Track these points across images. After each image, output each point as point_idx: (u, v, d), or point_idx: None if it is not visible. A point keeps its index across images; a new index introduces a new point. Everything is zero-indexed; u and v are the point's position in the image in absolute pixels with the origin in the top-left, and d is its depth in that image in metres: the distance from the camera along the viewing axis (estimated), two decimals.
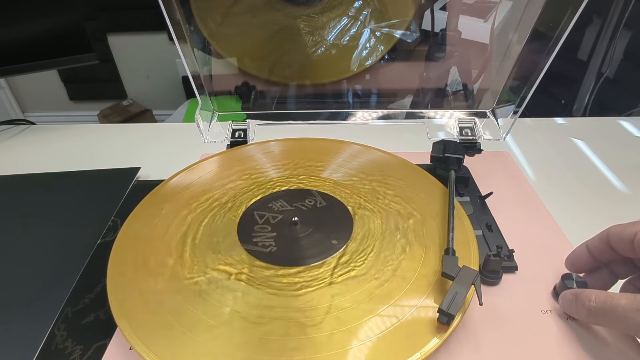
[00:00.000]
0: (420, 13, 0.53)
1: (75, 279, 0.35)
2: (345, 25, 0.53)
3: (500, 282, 0.32)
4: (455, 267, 0.28)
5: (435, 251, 0.32)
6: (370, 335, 0.26)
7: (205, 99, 0.45)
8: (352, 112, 0.48)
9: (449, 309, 0.26)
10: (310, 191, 0.39)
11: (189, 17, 0.41)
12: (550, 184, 0.46)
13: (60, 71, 1.77)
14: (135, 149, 0.56)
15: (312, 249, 0.33)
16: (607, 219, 0.41)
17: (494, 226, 0.37)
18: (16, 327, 0.32)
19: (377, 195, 0.38)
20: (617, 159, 0.51)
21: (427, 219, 0.35)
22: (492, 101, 0.46)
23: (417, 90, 0.57)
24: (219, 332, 0.27)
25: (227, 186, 0.39)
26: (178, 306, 0.28)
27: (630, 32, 1.07)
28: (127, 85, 1.85)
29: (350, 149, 0.44)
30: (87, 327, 0.31)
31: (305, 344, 0.26)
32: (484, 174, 0.44)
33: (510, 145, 0.54)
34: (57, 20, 0.57)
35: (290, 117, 0.47)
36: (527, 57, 0.41)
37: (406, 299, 0.28)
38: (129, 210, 0.36)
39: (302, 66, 0.55)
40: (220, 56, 0.53)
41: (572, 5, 0.34)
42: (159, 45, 1.69)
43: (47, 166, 0.50)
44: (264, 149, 0.45)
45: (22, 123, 0.65)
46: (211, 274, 0.31)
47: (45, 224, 0.42)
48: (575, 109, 1.13)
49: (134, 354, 0.28)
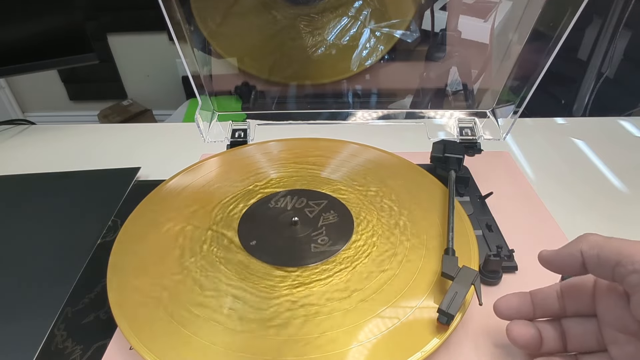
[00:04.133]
0: (420, 13, 0.53)
1: (75, 279, 0.35)
2: (345, 25, 0.53)
3: (500, 282, 0.32)
4: (455, 267, 0.28)
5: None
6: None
7: (205, 99, 0.45)
8: (352, 112, 0.48)
9: (449, 309, 0.26)
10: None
11: (189, 17, 0.41)
12: (550, 184, 0.46)
13: (60, 71, 1.77)
14: (135, 149, 0.56)
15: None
16: (607, 219, 0.42)
17: (494, 226, 0.37)
18: (16, 327, 0.32)
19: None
20: (617, 159, 0.51)
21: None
22: (492, 101, 0.46)
23: (417, 90, 0.57)
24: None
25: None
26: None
27: (630, 32, 1.07)
28: (127, 85, 1.85)
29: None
30: (87, 327, 0.31)
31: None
32: (484, 174, 0.44)
33: (510, 145, 0.54)
34: (57, 20, 0.57)
35: (290, 117, 0.47)
36: (527, 57, 0.41)
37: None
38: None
39: (302, 66, 0.55)
40: (220, 56, 0.53)
41: (572, 5, 0.34)
42: (159, 45, 1.69)
43: (47, 166, 0.50)
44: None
45: (22, 123, 0.65)
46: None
47: (45, 224, 0.42)
48: (575, 109, 1.13)
49: (134, 354, 0.28)
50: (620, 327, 0.23)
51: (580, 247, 0.23)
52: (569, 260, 0.24)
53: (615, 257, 0.21)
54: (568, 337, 0.25)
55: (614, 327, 0.23)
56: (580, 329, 0.25)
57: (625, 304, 0.22)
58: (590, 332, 0.24)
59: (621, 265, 0.21)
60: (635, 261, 0.21)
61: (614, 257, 0.22)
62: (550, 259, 0.25)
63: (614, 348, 0.23)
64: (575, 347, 0.25)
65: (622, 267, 0.21)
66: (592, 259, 0.23)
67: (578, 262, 0.23)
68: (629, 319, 0.22)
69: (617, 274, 0.21)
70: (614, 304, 0.23)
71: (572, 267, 0.24)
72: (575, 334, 0.25)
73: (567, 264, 0.24)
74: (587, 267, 0.23)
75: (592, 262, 0.23)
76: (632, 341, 0.22)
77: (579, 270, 0.24)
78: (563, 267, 0.24)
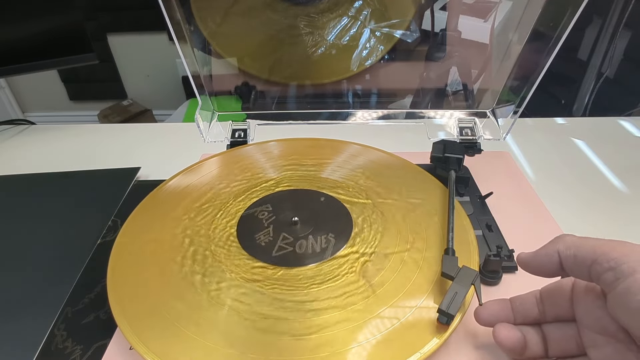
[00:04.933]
0: (420, 13, 0.53)
1: (75, 279, 0.35)
2: (345, 25, 0.53)
3: (500, 282, 0.32)
4: (455, 267, 0.28)
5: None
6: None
7: (205, 99, 0.45)
8: (352, 112, 0.48)
9: (449, 309, 0.26)
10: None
11: (189, 17, 0.41)
12: (550, 184, 0.46)
13: (60, 71, 1.77)
14: (135, 149, 0.56)
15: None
16: (607, 219, 0.42)
17: (494, 226, 0.37)
18: (16, 327, 0.31)
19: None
20: (617, 159, 0.51)
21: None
22: (492, 101, 0.46)
23: (417, 90, 0.57)
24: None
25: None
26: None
27: (630, 32, 1.07)
28: (127, 85, 1.85)
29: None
30: (87, 327, 0.31)
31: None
32: (484, 174, 0.44)
33: (510, 145, 0.54)
34: (57, 20, 0.57)
35: (290, 117, 0.47)
36: (527, 57, 0.41)
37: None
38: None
39: (302, 66, 0.55)
40: (220, 56, 0.53)
41: (572, 5, 0.34)
42: (159, 45, 1.69)
43: (47, 166, 0.50)
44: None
45: (22, 123, 0.65)
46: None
47: (45, 224, 0.42)
48: (575, 109, 1.13)
49: (134, 354, 0.28)
50: (599, 329, 0.23)
51: (557, 247, 0.23)
52: (547, 261, 0.24)
53: (591, 256, 0.22)
54: (549, 342, 0.25)
55: (592, 330, 0.23)
56: (560, 334, 0.25)
57: (602, 304, 0.23)
58: (570, 336, 0.24)
59: (597, 264, 0.21)
60: (611, 259, 0.21)
61: (590, 256, 0.22)
62: (527, 261, 0.25)
63: (593, 351, 0.23)
64: (556, 352, 0.25)
65: (598, 266, 0.21)
66: (569, 259, 0.23)
67: (555, 262, 0.23)
68: (606, 320, 0.22)
69: (593, 272, 0.22)
70: (592, 306, 0.23)
71: (549, 268, 0.24)
72: (556, 339, 0.25)
73: (545, 265, 0.24)
74: (565, 268, 0.23)
75: (569, 262, 0.23)
76: (611, 342, 0.22)
77: (556, 271, 0.24)
78: (541, 268, 0.25)
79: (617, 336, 0.22)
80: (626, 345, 0.22)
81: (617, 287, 0.20)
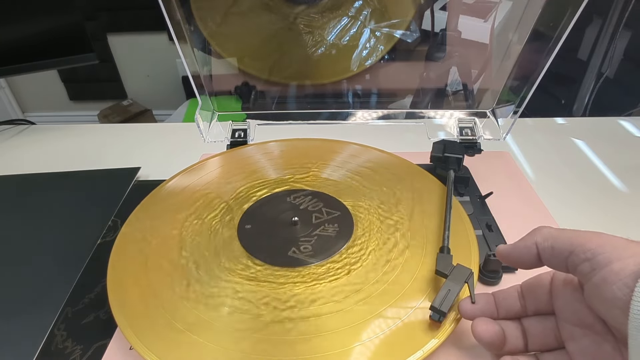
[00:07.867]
0: (420, 13, 0.53)
1: (75, 279, 0.35)
2: (345, 25, 0.53)
3: (500, 282, 0.32)
4: (449, 265, 0.28)
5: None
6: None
7: (205, 99, 0.45)
8: (352, 112, 0.48)
9: (441, 306, 0.26)
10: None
11: (189, 17, 0.41)
12: (550, 183, 0.46)
13: (60, 71, 1.77)
14: (135, 149, 0.56)
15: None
16: (607, 218, 0.42)
17: (494, 226, 0.37)
18: (16, 327, 0.32)
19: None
20: (617, 159, 0.51)
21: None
22: (492, 101, 0.46)
23: (417, 90, 0.57)
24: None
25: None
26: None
27: (630, 32, 1.07)
28: (127, 85, 1.85)
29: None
30: (87, 327, 0.31)
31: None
32: (484, 174, 0.44)
33: (510, 145, 0.54)
34: (57, 20, 0.57)
35: (290, 117, 0.47)
36: (527, 57, 0.41)
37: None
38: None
39: (302, 66, 0.55)
40: (220, 56, 0.53)
41: (572, 5, 0.34)
42: (159, 45, 1.69)
43: (47, 166, 0.50)
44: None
45: (22, 123, 0.65)
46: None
47: (45, 224, 0.42)
48: (575, 109, 1.13)
49: (134, 354, 0.28)
50: (576, 321, 0.23)
51: (535, 239, 0.24)
52: (525, 253, 0.24)
53: (568, 247, 0.22)
54: (529, 336, 0.25)
55: (570, 322, 0.23)
56: (540, 328, 0.25)
57: (580, 296, 0.23)
58: (549, 329, 0.25)
59: (574, 255, 0.22)
60: (587, 250, 0.21)
61: (567, 248, 0.22)
62: (507, 253, 0.26)
63: (571, 343, 0.23)
64: (536, 346, 0.25)
65: (574, 256, 0.21)
66: (546, 250, 0.23)
67: (533, 254, 0.24)
68: (584, 312, 0.23)
69: (570, 264, 0.22)
70: (569, 298, 0.24)
71: (528, 259, 0.24)
72: (536, 333, 0.25)
73: (524, 256, 0.24)
74: (542, 259, 0.24)
75: (546, 254, 0.23)
76: (588, 334, 0.23)
77: (535, 263, 0.24)
78: (520, 260, 0.25)
79: (594, 328, 0.22)
80: (603, 337, 0.22)
81: (593, 278, 0.21)
